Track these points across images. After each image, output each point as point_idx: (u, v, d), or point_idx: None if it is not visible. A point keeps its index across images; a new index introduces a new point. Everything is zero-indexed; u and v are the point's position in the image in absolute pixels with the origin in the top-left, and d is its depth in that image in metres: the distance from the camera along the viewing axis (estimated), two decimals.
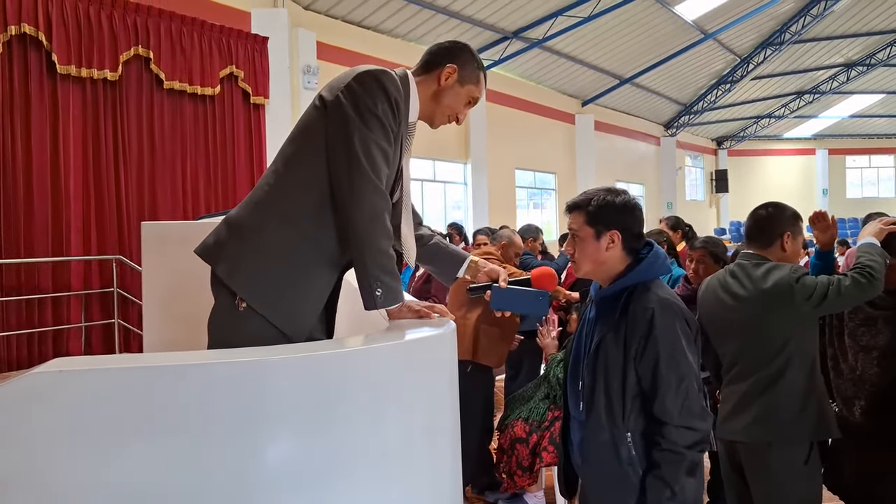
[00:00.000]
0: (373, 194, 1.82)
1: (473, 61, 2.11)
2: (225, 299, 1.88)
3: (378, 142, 1.85)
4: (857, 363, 2.87)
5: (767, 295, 2.58)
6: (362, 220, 1.81)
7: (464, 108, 2.12)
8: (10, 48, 6.69)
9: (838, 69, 22.04)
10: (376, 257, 1.81)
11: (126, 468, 1.29)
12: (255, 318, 1.83)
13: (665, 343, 1.96)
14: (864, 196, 27.82)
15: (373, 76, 1.88)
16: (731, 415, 2.67)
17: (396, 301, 1.85)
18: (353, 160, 1.81)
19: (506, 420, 4.30)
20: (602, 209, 2.09)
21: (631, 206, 2.13)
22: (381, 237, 1.83)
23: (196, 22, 8.16)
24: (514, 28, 14.31)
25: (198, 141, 8.33)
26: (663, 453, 1.94)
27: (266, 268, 1.85)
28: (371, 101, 1.84)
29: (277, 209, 1.88)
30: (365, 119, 1.83)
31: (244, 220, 1.92)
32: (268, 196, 1.91)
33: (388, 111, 1.87)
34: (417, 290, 5.77)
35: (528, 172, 17.49)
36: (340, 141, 1.84)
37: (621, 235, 2.08)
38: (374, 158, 1.83)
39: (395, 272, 1.86)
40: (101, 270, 7.39)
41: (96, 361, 1.39)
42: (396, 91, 1.90)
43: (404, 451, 1.58)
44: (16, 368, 6.54)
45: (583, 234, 2.12)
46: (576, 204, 2.16)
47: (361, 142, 1.82)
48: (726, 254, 3.84)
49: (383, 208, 1.85)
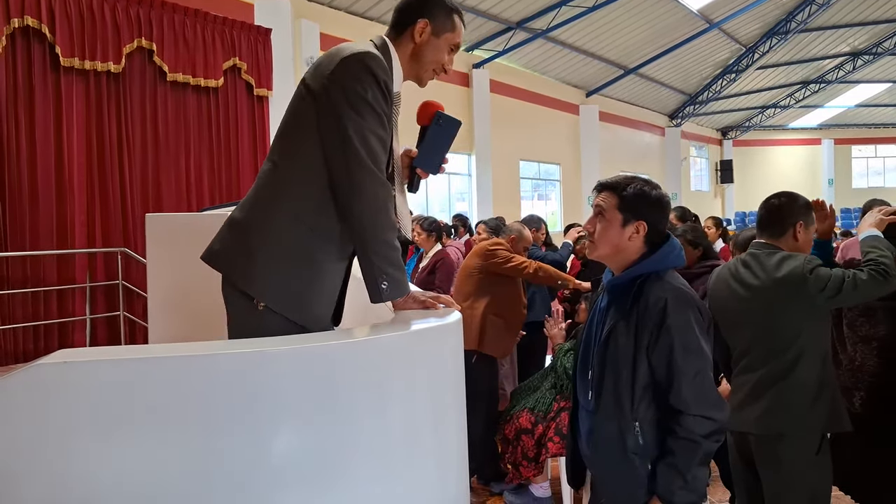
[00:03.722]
0: (374, 185, 1.79)
1: (444, 7, 2.00)
2: (241, 301, 1.86)
3: (373, 130, 1.81)
4: (856, 354, 2.86)
5: (780, 284, 2.56)
6: (365, 212, 1.79)
7: (448, 58, 2.04)
8: (14, 41, 6.69)
9: (844, 58, 21.94)
10: (381, 249, 1.80)
11: (131, 459, 1.28)
12: (274, 316, 1.82)
13: (679, 333, 1.94)
14: (870, 186, 27.69)
15: (359, 61, 1.83)
16: (741, 405, 2.63)
17: (402, 292, 1.84)
18: (351, 152, 1.78)
19: (511, 410, 4.30)
20: (637, 198, 2.06)
21: (664, 203, 2.11)
22: (386, 229, 1.81)
23: (199, 14, 8.15)
24: (518, 18, 14.26)
25: (201, 133, 8.33)
26: (679, 441, 1.93)
27: (278, 268, 1.83)
28: (361, 88, 1.80)
29: (281, 206, 1.85)
30: (357, 108, 1.80)
31: (248, 220, 1.89)
32: (269, 194, 1.88)
33: (379, 96, 1.83)
34: (421, 280, 5.76)
35: (532, 163, 17.47)
36: (335, 133, 1.80)
37: (647, 228, 2.06)
38: (372, 147, 1.80)
39: (401, 263, 1.85)
40: (106, 263, 7.41)
41: (101, 353, 1.38)
42: (384, 72, 1.85)
43: (410, 442, 1.58)
44: (22, 361, 6.55)
45: (610, 217, 2.08)
46: (611, 185, 2.11)
47: (357, 132, 1.78)
48: (704, 238, 4.24)
49: (385, 198, 1.83)
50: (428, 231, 6.07)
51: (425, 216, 6.69)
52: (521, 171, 16.90)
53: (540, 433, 4.07)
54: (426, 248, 6.11)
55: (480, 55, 14.84)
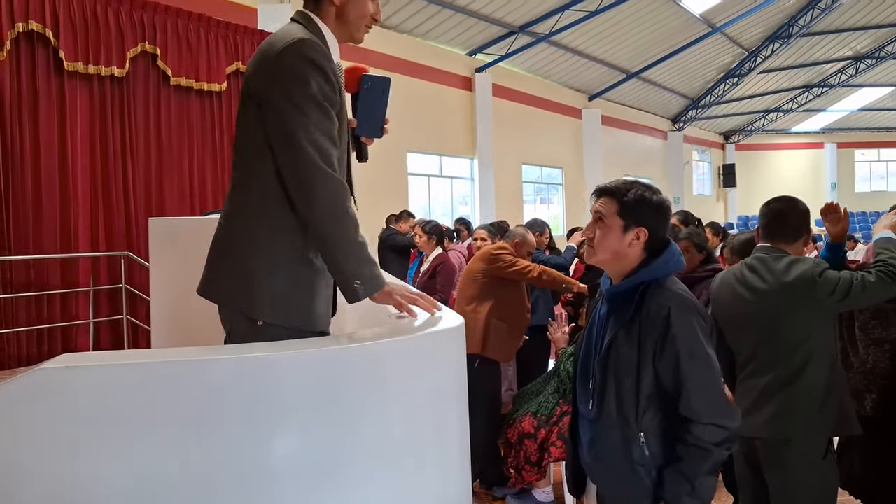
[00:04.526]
0: (327, 188, 1.73)
1: None
2: (241, 322, 1.83)
3: (321, 126, 1.74)
4: (868, 356, 2.84)
5: (790, 288, 2.54)
6: (325, 219, 1.73)
7: (373, 6, 1.94)
8: (18, 45, 6.70)
9: (847, 62, 21.93)
10: (349, 251, 1.75)
11: (134, 463, 1.28)
12: (276, 328, 1.79)
13: (685, 341, 1.91)
14: (873, 190, 27.67)
15: (298, 54, 1.75)
16: (749, 411, 2.59)
17: (377, 287, 1.78)
18: (301, 156, 1.71)
19: (514, 415, 4.29)
20: (638, 203, 2.01)
21: (665, 208, 2.06)
22: (349, 228, 1.75)
23: (202, 18, 8.17)
24: (521, 22, 14.28)
25: (204, 137, 8.34)
26: (689, 448, 1.90)
27: (272, 284, 1.80)
28: (303, 85, 1.73)
29: (259, 222, 1.80)
30: (302, 108, 1.72)
31: (231, 242, 1.85)
32: (243, 211, 1.84)
33: (324, 84, 1.76)
34: (422, 284, 5.76)
35: (535, 167, 17.48)
36: (282, 139, 1.74)
37: (648, 235, 2.01)
38: (322, 145, 1.73)
39: (370, 258, 1.79)
40: (110, 267, 7.41)
41: (103, 357, 1.38)
42: (323, 56, 1.78)
43: (412, 446, 1.57)
44: (25, 365, 6.55)
45: (610, 223, 2.03)
46: (610, 190, 2.05)
47: (305, 133, 1.71)
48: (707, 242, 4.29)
49: (343, 196, 1.75)
50: (429, 234, 6.06)
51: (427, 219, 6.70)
52: (524, 174, 16.91)
53: (543, 437, 4.06)
54: (427, 252, 6.11)
55: (483, 59, 14.87)
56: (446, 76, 13.77)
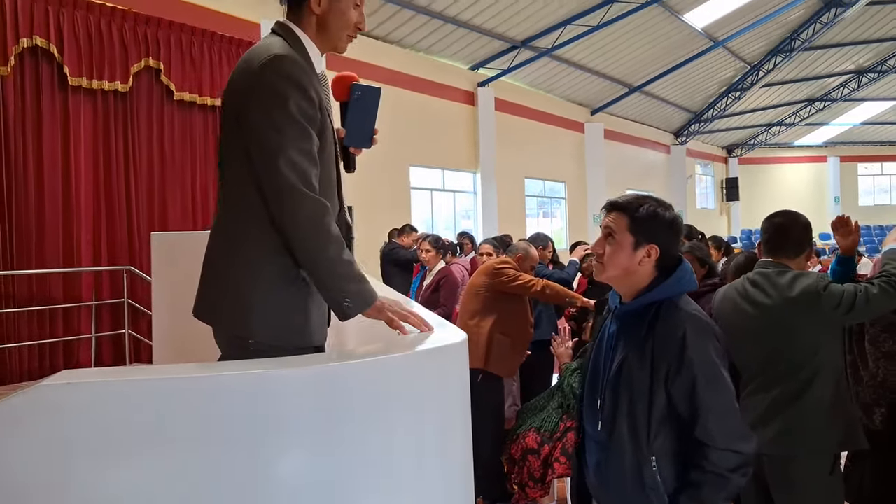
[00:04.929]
0: (306, 208, 1.70)
1: None
2: (234, 343, 1.82)
3: (299, 145, 1.71)
4: (878, 370, 2.83)
5: (794, 303, 2.53)
6: (306, 238, 1.71)
7: (357, 14, 1.91)
8: (22, 61, 6.75)
9: (849, 76, 21.97)
10: (333, 269, 1.72)
11: (134, 481, 1.27)
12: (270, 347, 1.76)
13: (701, 365, 1.84)
14: (877, 203, 27.65)
15: (276, 72, 1.72)
16: (754, 427, 2.56)
17: (368, 303, 1.75)
18: (278, 178, 1.68)
19: (517, 430, 4.27)
20: (650, 220, 1.95)
21: (678, 225, 2.00)
22: (333, 246, 1.72)
23: (206, 33, 8.23)
24: (523, 37, 14.33)
25: (208, 152, 8.38)
26: (706, 475, 1.83)
27: (264, 304, 1.77)
28: (282, 103, 1.70)
29: (247, 241, 1.79)
30: (280, 127, 1.69)
31: (221, 262, 1.83)
32: (231, 230, 1.82)
33: (302, 101, 1.73)
34: (426, 299, 5.75)
35: (537, 181, 17.49)
36: (260, 160, 1.71)
37: (660, 252, 1.95)
38: (300, 166, 1.70)
39: (358, 273, 1.76)
40: (112, 281, 7.43)
41: (103, 374, 1.37)
42: (302, 72, 1.75)
43: (415, 463, 1.56)
44: (27, 379, 6.56)
45: (621, 239, 1.96)
46: (621, 205, 1.99)
47: (283, 154, 1.68)
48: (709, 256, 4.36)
49: (322, 215, 1.72)
50: (437, 249, 6.07)
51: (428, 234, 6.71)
52: (527, 188, 16.92)
53: (546, 453, 4.04)
54: (431, 265, 6.10)
55: (485, 74, 14.92)
56: (449, 90, 13.81)
